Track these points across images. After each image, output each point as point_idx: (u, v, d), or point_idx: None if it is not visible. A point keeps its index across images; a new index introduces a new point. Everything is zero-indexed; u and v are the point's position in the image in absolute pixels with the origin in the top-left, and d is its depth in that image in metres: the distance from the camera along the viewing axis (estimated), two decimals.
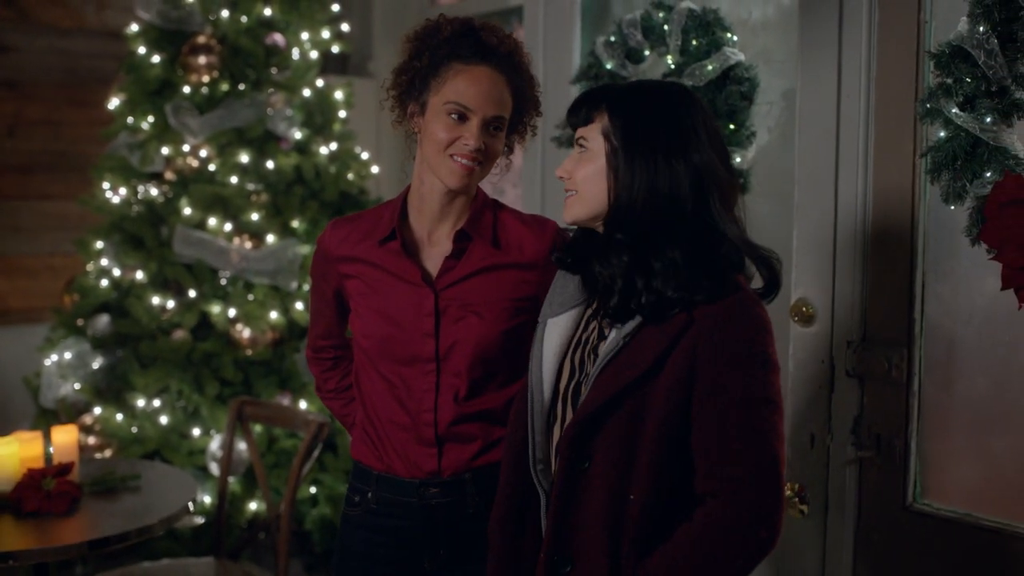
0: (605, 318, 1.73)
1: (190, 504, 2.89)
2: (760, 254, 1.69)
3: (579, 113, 1.75)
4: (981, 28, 2.03)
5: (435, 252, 2.07)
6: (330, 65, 4.66)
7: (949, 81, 2.10)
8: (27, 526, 2.71)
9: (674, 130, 1.65)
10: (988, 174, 2.06)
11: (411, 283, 2.05)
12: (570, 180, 1.74)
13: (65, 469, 2.86)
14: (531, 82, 2.08)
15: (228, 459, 3.40)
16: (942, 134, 2.12)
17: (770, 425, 1.60)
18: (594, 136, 1.70)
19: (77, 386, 3.85)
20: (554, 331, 1.78)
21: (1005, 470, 2.33)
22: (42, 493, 2.77)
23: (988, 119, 2.04)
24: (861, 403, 2.51)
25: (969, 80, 2.07)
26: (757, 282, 1.74)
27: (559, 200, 3.29)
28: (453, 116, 1.96)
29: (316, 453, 3.27)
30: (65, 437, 2.95)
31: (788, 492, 2.55)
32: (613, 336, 1.68)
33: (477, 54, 1.98)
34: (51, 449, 3.05)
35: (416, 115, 2.03)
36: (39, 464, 2.90)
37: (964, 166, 2.09)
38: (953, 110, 2.08)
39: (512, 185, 4.19)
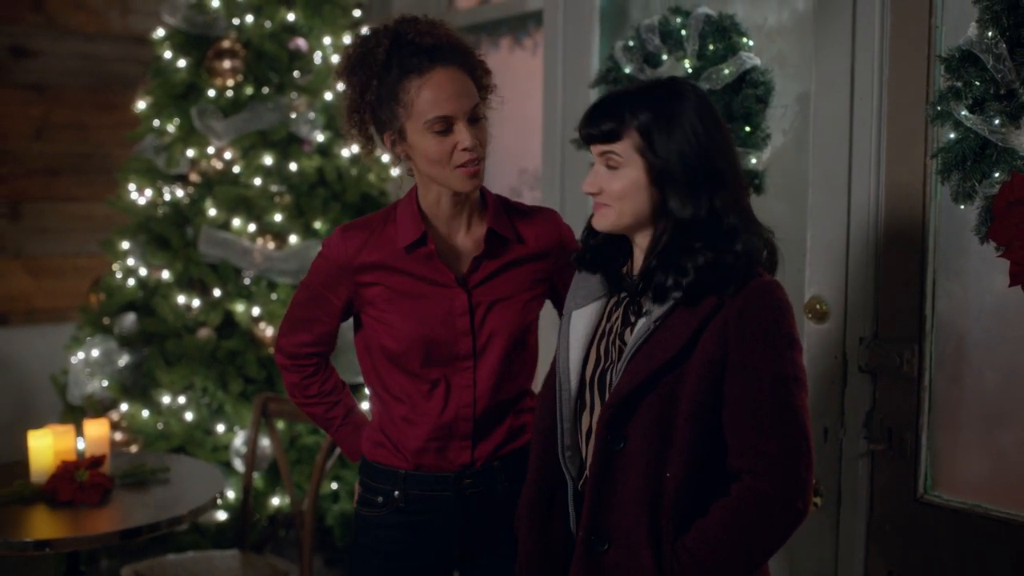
0: (650, 297, 1.77)
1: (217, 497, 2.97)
2: (767, 237, 1.79)
3: (600, 129, 1.76)
4: (990, 33, 2.09)
5: (456, 250, 2.11)
6: None
7: (959, 84, 2.16)
8: (61, 515, 2.79)
9: (697, 134, 1.72)
10: (996, 174, 2.12)
11: (442, 285, 2.07)
12: (602, 195, 1.78)
13: (98, 461, 2.94)
14: (473, 52, 2.05)
15: (253, 454, 3.47)
16: (952, 136, 2.18)
17: (799, 401, 1.69)
18: (626, 151, 1.74)
19: (104, 383, 3.93)
20: (579, 322, 1.85)
21: (1013, 462, 2.39)
22: (75, 484, 2.84)
23: (997, 121, 2.10)
24: (873, 398, 2.57)
25: (978, 83, 2.13)
26: None
27: (578, 203, 3.37)
28: (437, 130, 1.95)
29: (338, 450, 3.34)
30: (97, 430, 3.02)
31: None
32: (643, 321, 1.75)
33: (425, 60, 1.95)
34: (81, 443, 3.13)
35: (397, 143, 2.02)
36: (71, 456, 2.97)
37: (973, 167, 2.15)
38: (963, 112, 2.14)
39: (529, 188, 4.25)
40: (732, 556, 1.67)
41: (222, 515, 3.80)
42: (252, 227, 3.94)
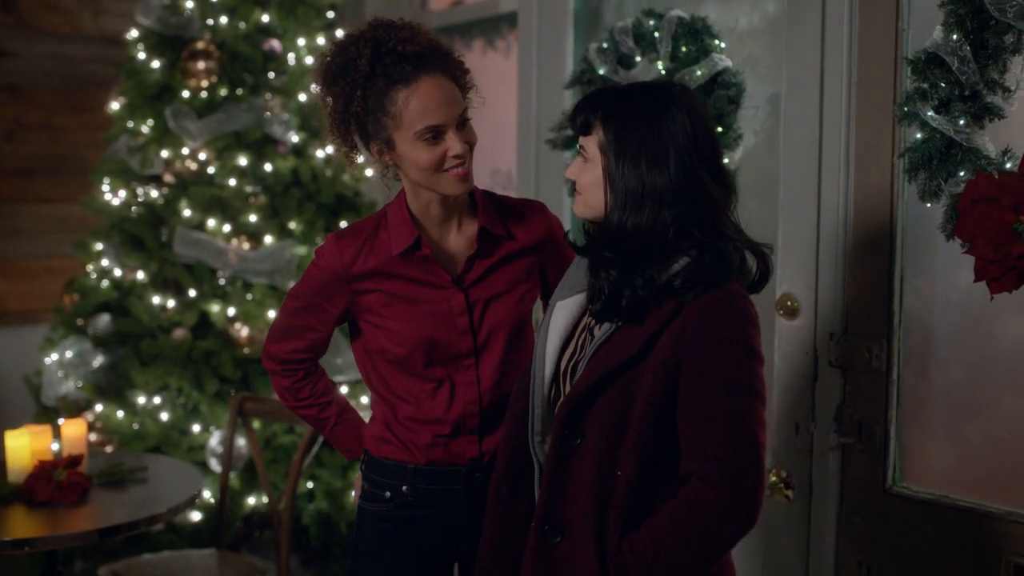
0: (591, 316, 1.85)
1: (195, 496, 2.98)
2: (758, 249, 1.82)
3: (576, 122, 1.83)
4: (955, 36, 2.14)
5: (449, 251, 2.13)
6: None
7: (925, 86, 2.20)
8: (39, 515, 2.79)
9: (661, 147, 1.73)
10: (961, 173, 2.16)
11: (439, 286, 2.09)
12: (576, 184, 1.85)
13: (75, 461, 2.94)
14: (452, 54, 2.06)
15: (229, 453, 3.48)
16: (919, 136, 2.22)
17: (751, 411, 1.70)
18: (592, 147, 1.80)
19: (78, 384, 3.93)
20: (561, 313, 1.89)
21: (978, 454, 2.44)
22: (53, 484, 2.85)
23: (961, 122, 2.15)
24: (843, 392, 2.62)
25: (944, 85, 2.18)
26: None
27: (554, 205, 3.40)
28: (427, 138, 1.96)
29: (315, 449, 3.35)
30: (75, 430, 3.03)
31: (774, 479, 2.67)
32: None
33: (411, 70, 1.95)
34: (56, 444, 3.13)
35: (385, 152, 2.02)
36: (48, 456, 2.97)
37: (939, 166, 2.20)
38: (929, 113, 2.19)
39: (502, 189, 4.28)
40: (674, 559, 1.69)
41: (197, 515, 3.81)
42: (227, 227, 3.95)
